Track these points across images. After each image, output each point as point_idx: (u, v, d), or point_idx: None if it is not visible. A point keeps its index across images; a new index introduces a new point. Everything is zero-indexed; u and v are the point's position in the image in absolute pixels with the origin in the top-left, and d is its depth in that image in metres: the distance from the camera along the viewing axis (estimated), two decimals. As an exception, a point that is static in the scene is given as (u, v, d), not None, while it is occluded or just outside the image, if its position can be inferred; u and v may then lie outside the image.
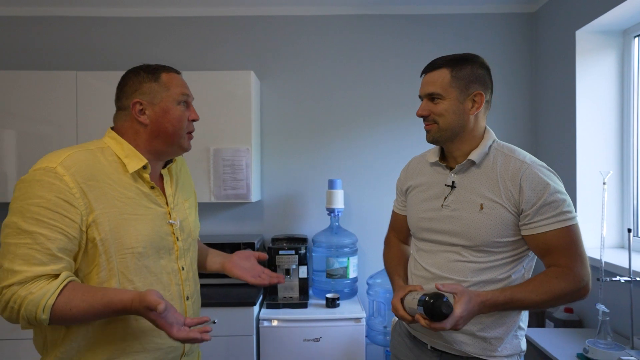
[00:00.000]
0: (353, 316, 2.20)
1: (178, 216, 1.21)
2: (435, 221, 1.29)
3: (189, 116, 1.19)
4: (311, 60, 2.70)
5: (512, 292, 1.14)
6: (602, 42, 2.24)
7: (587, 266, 1.17)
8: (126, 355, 1.08)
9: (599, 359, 1.59)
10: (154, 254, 1.11)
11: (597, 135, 2.25)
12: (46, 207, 0.98)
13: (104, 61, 2.66)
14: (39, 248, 0.96)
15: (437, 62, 1.27)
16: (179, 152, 1.21)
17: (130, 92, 1.16)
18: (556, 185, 1.18)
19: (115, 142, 1.14)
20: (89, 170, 1.05)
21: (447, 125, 1.24)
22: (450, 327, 1.07)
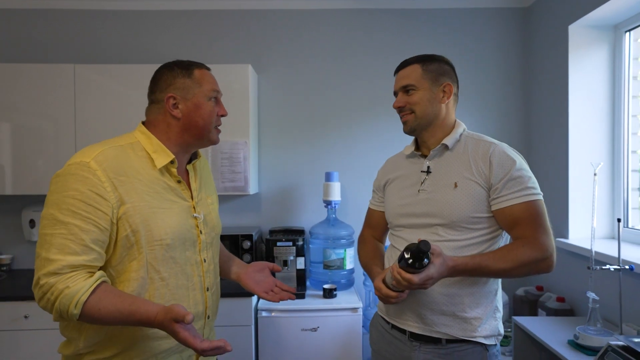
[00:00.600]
0: (350, 306, 2.24)
1: (202, 210, 1.26)
2: (413, 206, 1.36)
3: (218, 112, 1.24)
4: (308, 53, 2.72)
5: (481, 259, 1.22)
6: (594, 37, 2.28)
7: (552, 239, 1.25)
8: (149, 340, 1.13)
9: (589, 345, 1.64)
10: (180, 246, 1.16)
11: (589, 128, 2.29)
12: (80, 200, 1.03)
13: (102, 54, 2.67)
14: (73, 238, 1.01)
15: (408, 60, 1.40)
16: (207, 144, 1.26)
17: (164, 86, 1.20)
18: (521, 163, 1.28)
19: (145, 137, 1.19)
20: (120, 166, 1.10)
21: (423, 113, 1.34)
22: (418, 282, 1.13)
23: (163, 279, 1.13)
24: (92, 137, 2.37)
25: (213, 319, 1.30)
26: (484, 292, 1.30)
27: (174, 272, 1.15)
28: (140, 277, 1.10)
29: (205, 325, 1.25)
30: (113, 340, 1.11)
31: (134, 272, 1.09)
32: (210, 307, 1.26)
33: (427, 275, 1.14)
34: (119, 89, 2.37)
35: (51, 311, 1.02)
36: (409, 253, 1.13)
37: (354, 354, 2.23)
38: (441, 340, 1.29)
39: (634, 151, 2.23)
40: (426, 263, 1.13)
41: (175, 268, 1.16)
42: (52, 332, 2.13)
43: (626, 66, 2.23)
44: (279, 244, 2.37)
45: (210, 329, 1.30)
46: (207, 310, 1.25)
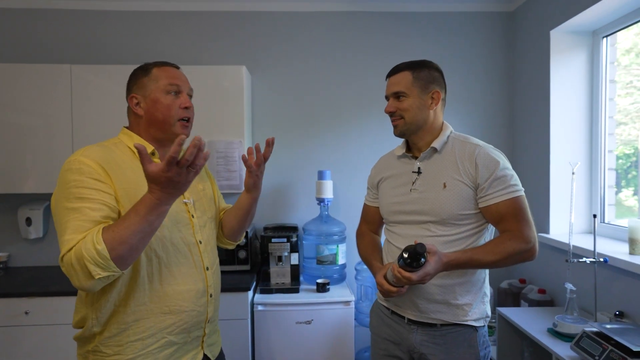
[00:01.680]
0: (342, 300, 2.33)
1: (191, 196, 1.34)
2: (405, 204, 1.47)
3: (180, 104, 1.28)
4: (301, 55, 2.79)
5: (472, 253, 1.35)
6: (573, 42, 2.40)
7: (534, 230, 1.37)
8: (154, 315, 1.21)
9: (566, 332, 1.76)
10: (172, 226, 1.24)
11: (569, 128, 2.41)
12: (83, 186, 1.11)
13: (98, 55, 2.71)
14: (86, 218, 1.08)
15: (399, 67, 1.48)
16: (173, 138, 1.27)
17: (129, 89, 1.32)
18: (504, 163, 1.39)
19: (127, 136, 1.31)
20: (106, 157, 1.20)
21: (412, 119, 1.44)
22: (417, 279, 1.25)
23: (159, 257, 1.21)
24: (89, 137, 2.41)
25: (216, 298, 1.37)
26: (473, 280, 1.42)
27: (170, 251, 1.23)
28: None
29: (208, 304, 1.32)
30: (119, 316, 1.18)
31: None
32: (211, 285, 1.33)
33: (424, 273, 1.25)
34: (115, 90, 2.42)
35: (87, 273, 1.02)
36: (407, 254, 1.23)
37: (346, 345, 2.32)
38: (436, 325, 1.41)
39: (610, 150, 2.36)
40: (423, 262, 1.24)
41: (170, 247, 1.23)
42: (53, 327, 2.18)
43: (603, 70, 2.36)
44: (274, 240, 2.45)
45: (215, 310, 1.37)
46: (208, 289, 1.32)
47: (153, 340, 1.21)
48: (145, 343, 1.21)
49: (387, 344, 1.51)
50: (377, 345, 1.56)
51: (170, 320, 1.23)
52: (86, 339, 1.22)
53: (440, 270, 1.31)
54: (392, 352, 1.50)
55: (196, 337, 1.31)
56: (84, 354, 1.24)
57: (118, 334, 1.19)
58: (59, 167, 2.38)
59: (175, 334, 1.25)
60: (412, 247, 1.23)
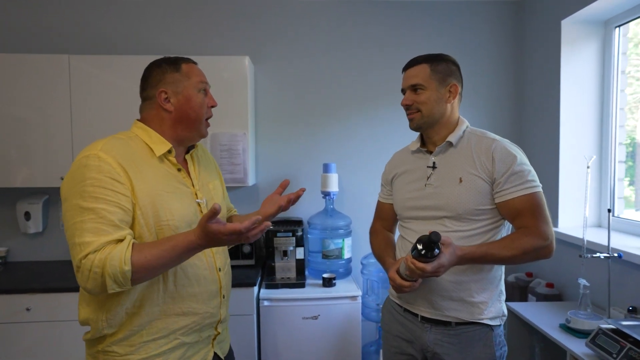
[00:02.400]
0: (349, 294, 2.30)
1: (204, 196, 1.31)
2: (420, 199, 1.43)
3: (208, 103, 1.29)
4: (306, 45, 2.73)
5: (488, 248, 1.31)
6: (585, 32, 2.35)
7: (551, 227, 1.34)
8: (168, 317, 1.19)
9: (580, 328, 1.73)
10: (186, 227, 1.21)
11: (579, 120, 2.37)
12: (99, 186, 1.08)
13: (97, 45, 2.63)
14: (103, 220, 1.06)
15: (417, 59, 1.44)
16: (197, 138, 1.31)
17: (155, 82, 1.25)
18: (522, 158, 1.36)
19: (143, 130, 1.25)
20: (125, 152, 1.16)
21: (429, 112, 1.41)
22: (431, 270, 1.21)
23: None
24: (89, 129, 2.36)
25: (228, 298, 1.35)
26: (490, 277, 1.38)
27: None
28: None
29: (221, 305, 1.30)
30: (133, 319, 1.16)
31: None
32: (224, 286, 1.31)
33: (438, 264, 1.22)
34: (116, 81, 2.35)
35: (102, 284, 1.03)
36: (421, 244, 1.20)
37: (353, 341, 2.30)
38: (451, 323, 1.37)
39: (621, 143, 2.32)
40: (437, 253, 1.20)
41: None
42: (55, 324, 2.14)
43: (615, 61, 2.31)
44: (279, 235, 2.41)
45: (226, 310, 1.35)
46: (221, 290, 1.30)
47: (166, 341, 1.20)
48: (158, 344, 1.19)
49: (400, 341, 1.48)
50: (389, 343, 1.53)
51: (184, 322, 1.21)
52: (96, 339, 1.20)
53: (454, 264, 1.27)
54: (404, 349, 1.47)
55: (207, 336, 1.29)
56: (93, 354, 1.21)
57: (131, 335, 1.17)
58: (58, 160, 2.37)
59: (187, 335, 1.23)
60: (426, 236, 1.20)
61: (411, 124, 1.45)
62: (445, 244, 1.24)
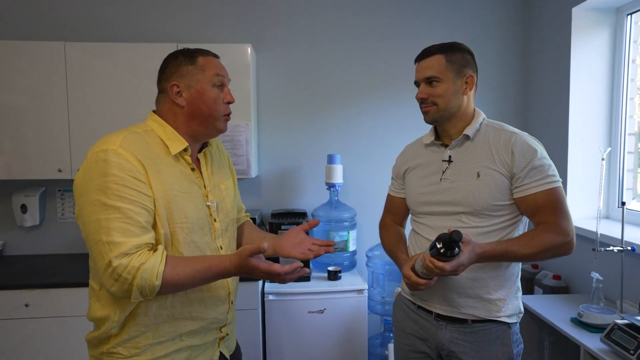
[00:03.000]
0: (355, 288, 2.27)
1: (215, 198, 1.25)
2: (435, 194, 1.38)
3: (224, 98, 1.22)
4: (309, 33, 2.65)
5: (508, 245, 1.27)
6: (596, 20, 2.30)
7: (572, 223, 1.30)
8: (176, 320, 1.15)
9: (593, 322, 1.71)
10: (199, 230, 1.17)
11: (589, 111, 2.33)
12: (123, 185, 1.03)
13: (94, 32, 2.54)
14: (130, 221, 1.02)
15: (430, 50, 1.37)
16: (214, 133, 1.25)
17: (169, 75, 1.19)
18: (542, 152, 1.32)
19: (158, 125, 1.19)
20: (143, 149, 1.11)
21: (445, 106, 1.35)
22: (450, 270, 1.17)
23: None
24: (87, 119, 2.28)
25: (234, 304, 1.32)
26: (507, 274, 1.35)
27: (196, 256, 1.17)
28: None
29: (229, 311, 1.27)
30: (140, 320, 1.12)
31: None
32: (232, 292, 1.27)
33: (458, 263, 1.18)
34: (113, 69, 2.26)
35: (128, 291, 1.02)
36: (441, 242, 1.16)
37: (360, 334, 2.27)
38: (467, 321, 1.34)
39: (630, 133, 2.29)
40: (457, 251, 1.16)
41: (197, 252, 1.17)
42: (54, 319, 2.10)
43: (626, 49, 2.26)
44: (284, 227, 2.36)
45: (234, 314, 1.32)
46: (229, 296, 1.26)
47: (172, 344, 1.16)
48: (164, 346, 1.15)
49: (413, 339, 1.45)
50: (402, 341, 1.49)
51: (191, 326, 1.18)
52: (101, 340, 1.15)
53: (474, 262, 1.24)
54: (418, 347, 1.44)
55: (214, 339, 1.26)
56: (97, 356, 1.17)
57: (137, 336, 1.13)
58: (55, 151, 2.29)
59: (193, 337, 1.19)
60: (446, 235, 1.15)
61: (426, 117, 1.39)
62: (465, 241, 1.20)
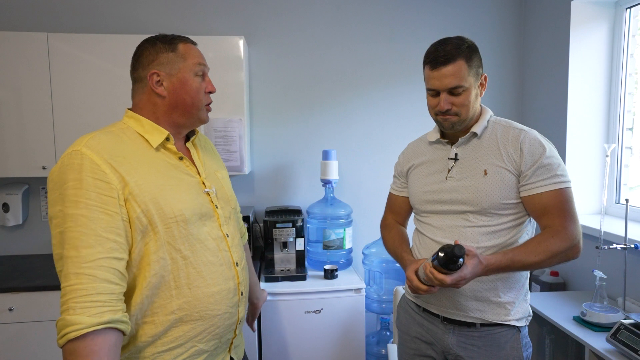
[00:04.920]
0: (353, 287, 2.22)
1: (213, 185, 1.19)
2: (441, 192, 1.34)
3: (206, 88, 1.17)
4: (303, 25, 2.57)
5: (514, 255, 1.22)
6: (595, 13, 2.27)
7: (579, 226, 1.26)
8: (184, 323, 1.08)
9: (596, 321, 1.69)
10: (197, 221, 1.10)
11: (587, 106, 2.31)
12: (81, 188, 0.96)
13: (78, 22, 2.42)
14: (84, 230, 0.94)
15: (450, 55, 1.24)
16: (197, 124, 1.20)
17: (146, 62, 1.12)
18: (552, 150, 1.27)
19: (134, 120, 1.13)
20: (115, 148, 1.03)
21: (467, 114, 1.29)
22: (450, 282, 1.12)
23: (185, 257, 1.07)
24: (72, 114, 2.18)
25: (246, 295, 1.24)
26: (516, 276, 1.31)
27: (197, 249, 1.09)
28: (160, 258, 1.04)
29: (240, 303, 1.19)
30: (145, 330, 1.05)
31: (152, 254, 1.03)
32: (242, 282, 1.20)
33: (460, 276, 1.13)
34: (100, 62, 2.17)
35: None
36: (443, 253, 1.11)
37: (357, 334, 2.23)
38: (475, 324, 1.30)
39: (629, 128, 2.27)
40: (461, 263, 1.12)
41: (197, 245, 1.09)
42: (40, 324, 2.01)
43: (625, 44, 2.24)
44: (279, 226, 2.30)
45: (245, 309, 1.24)
46: (239, 286, 1.19)
47: (182, 351, 1.08)
48: (173, 354, 1.07)
49: (419, 343, 1.41)
50: (407, 345, 1.45)
51: (202, 327, 1.09)
52: None
53: (478, 275, 1.19)
54: (424, 351, 1.39)
55: (226, 340, 1.18)
56: None
57: (144, 347, 1.05)
58: (38, 148, 2.18)
59: (206, 341, 1.11)
60: (450, 247, 1.10)
61: (445, 124, 1.31)
62: (470, 254, 1.15)
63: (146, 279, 1.02)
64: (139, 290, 1.02)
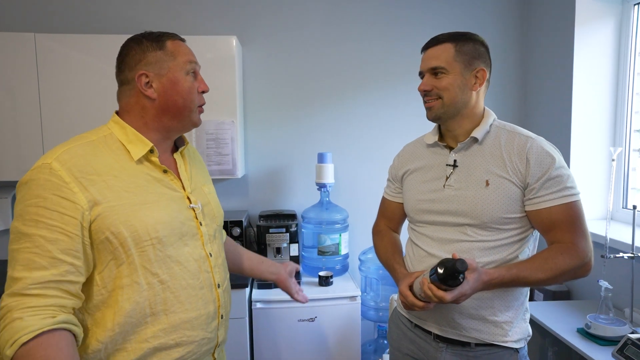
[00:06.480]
0: (348, 294, 2.15)
1: (199, 200, 1.11)
2: (437, 202, 1.25)
3: (198, 87, 1.09)
4: (298, 24, 2.50)
5: (518, 271, 1.13)
6: (601, 10, 2.18)
7: (590, 242, 1.17)
8: (159, 351, 1.00)
9: (602, 335, 1.60)
10: (176, 241, 1.02)
11: (593, 107, 2.21)
12: (44, 207, 0.89)
13: (66, 22, 2.37)
14: (39, 251, 0.88)
15: (439, 38, 1.23)
16: (189, 127, 1.11)
17: (133, 63, 1.03)
18: (561, 161, 1.18)
19: (119, 127, 1.04)
20: (88, 163, 0.96)
21: (451, 101, 1.21)
22: (450, 299, 1.05)
23: (163, 282, 1.00)
24: (60, 114, 2.13)
25: (227, 318, 1.17)
26: (515, 294, 1.22)
27: (175, 273, 1.02)
28: (133, 282, 0.97)
29: (219, 326, 1.12)
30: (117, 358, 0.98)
31: (125, 277, 0.96)
32: (223, 305, 1.13)
33: (460, 293, 1.05)
34: (89, 63, 2.11)
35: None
36: (442, 268, 1.03)
37: (352, 343, 2.16)
38: (470, 344, 1.21)
39: (637, 130, 2.18)
40: (462, 279, 1.03)
41: (176, 267, 1.02)
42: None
43: (632, 42, 2.15)
44: (272, 231, 2.23)
45: (225, 331, 1.18)
46: (219, 309, 1.12)
47: None
48: None
49: (410, 360, 1.33)
50: (398, 360, 1.37)
51: (177, 354, 1.02)
52: None
53: (478, 290, 1.11)
54: (416, 368, 1.31)
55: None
56: None
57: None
58: (27, 151, 2.14)
59: None
60: (450, 262, 1.02)
61: (429, 113, 1.25)
62: (471, 269, 1.07)
63: (118, 303, 0.96)
64: (110, 315, 0.96)
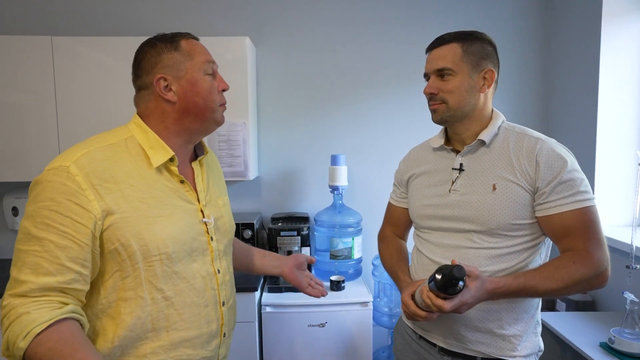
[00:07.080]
0: (360, 300, 2.10)
1: (212, 214, 1.08)
2: (443, 207, 1.20)
3: (218, 86, 1.06)
4: (311, 24, 2.47)
5: (526, 280, 1.06)
6: (629, 5, 2.06)
7: (606, 250, 1.09)
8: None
9: (627, 350, 1.51)
10: (185, 257, 1.00)
11: (620, 108, 2.10)
12: (57, 211, 0.88)
13: (82, 25, 2.40)
14: (47, 256, 0.87)
15: (445, 37, 1.19)
16: (213, 127, 1.08)
17: (150, 67, 1.01)
18: (573, 163, 1.11)
19: (141, 130, 1.02)
20: (107, 170, 0.94)
21: (457, 104, 1.16)
22: (449, 309, 0.99)
23: (167, 298, 0.98)
24: (76, 116, 2.16)
25: (230, 336, 1.15)
26: (525, 306, 1.15)
27: (181, 289, 1.00)
28: (137, 296, 0.95)
29: (221, 345, 1.10)
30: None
31: (129, 290, 0.94)
32: (226, 323, 1.10)
33: (460, 302, 1.00)
34: (104, 65, 2.13)
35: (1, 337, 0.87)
36: (440, 275, 0.98)
37: (364, 350, 2.10)
38: (476, 358, 1.15)
39: (668, 133, 2.06)
40: (461, 286, 0.98)
41: (181, 284, 1.00)
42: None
43: (664, 39, 2.03)
44: (283, 234, 2.21)
45: (227, 349, 1.15)
46: (222, 328, 1.09)
47: None
48: None
49: (415, 372, 1.27)
50: (403, 373, 1.32)
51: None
52: None
53: (482, 300, 1.05)
54: (421, 381, 1.26)
55: None
56: None
57: None
58: (46, 152, 2.18)
59: None
60: (447, 268, 0.97)
61: (434, 116, 1.20)
62: (472, 276, 1.01)
63: (120, 316, 0.94)
64: (111, 327, 0.94)
